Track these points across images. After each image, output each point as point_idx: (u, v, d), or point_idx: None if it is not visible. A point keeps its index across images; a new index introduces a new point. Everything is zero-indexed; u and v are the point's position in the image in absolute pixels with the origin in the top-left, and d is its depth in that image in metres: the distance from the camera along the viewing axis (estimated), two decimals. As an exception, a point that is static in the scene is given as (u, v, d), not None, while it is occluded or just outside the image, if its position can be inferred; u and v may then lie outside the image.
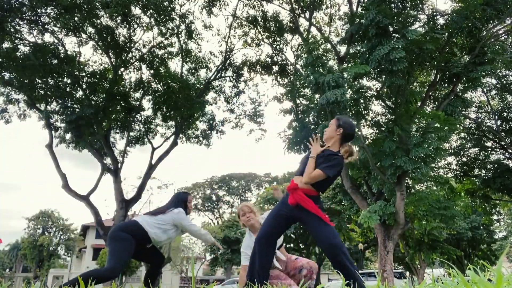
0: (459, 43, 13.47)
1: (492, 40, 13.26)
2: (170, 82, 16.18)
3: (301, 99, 16.07)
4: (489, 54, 12.52)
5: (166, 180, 52.38)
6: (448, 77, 13.04)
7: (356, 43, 13.01)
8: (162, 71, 16.46)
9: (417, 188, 14.79)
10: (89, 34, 15.35)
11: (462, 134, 17.95)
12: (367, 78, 13.26)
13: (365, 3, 12.24)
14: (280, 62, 17.39)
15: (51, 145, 15.57)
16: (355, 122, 12.81)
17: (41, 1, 13.18)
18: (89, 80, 15.66)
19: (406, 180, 13.02)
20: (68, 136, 16.04)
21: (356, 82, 12.82)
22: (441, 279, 1.36)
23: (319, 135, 3.08)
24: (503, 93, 17.59)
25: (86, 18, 14.07)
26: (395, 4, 12.40)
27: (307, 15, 15.57)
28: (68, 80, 15.38)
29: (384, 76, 11.89)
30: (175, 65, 23.16)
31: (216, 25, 79.81)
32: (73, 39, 15.63)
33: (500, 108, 17.71)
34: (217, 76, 18.27)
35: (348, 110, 11.32)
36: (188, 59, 17.42)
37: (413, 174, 11.84)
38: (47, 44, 14.55)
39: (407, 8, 12.54)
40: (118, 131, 17.45)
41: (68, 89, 15.35)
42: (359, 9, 13.59)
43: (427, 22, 12.87)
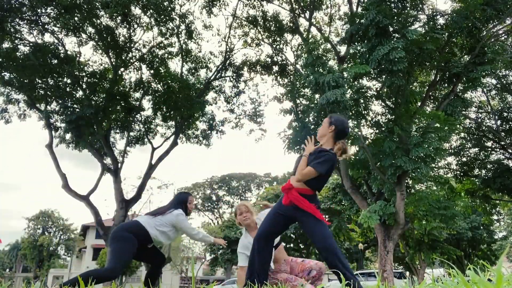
0: (459, 43, 13.47)
1: (492, 40, 13.26)
2: (170, 82, 16.19)
3: (301, 99, 16.06)
4: (489, 54, 12.52)
5: (166, 180, 52.37)
6: (448, 77, 13.05)
7: (356, 43, 13.00)
8: (162, 71, 16.46)
9: (417, 188, 14.78)
10: (89, 34, 15.36)
11: (462, 134, 17.95)
12: (367, 78, 13.25)
13: (365, 3, 12.24)
14: (280, 62, 17.39)
15: (51, 145, 15.58)
16: (355, 122, 12.82)
17: (41, 1, 13.18)
18: (89, 80, 15.66)
19: (406, 180, 13.02)
20: (68, 136, 16.05)
21: (356, 82, 12.82)
22: (441, 279, 1.36)
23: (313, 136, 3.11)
24: (503, 93, 17.59)
25: (86, 18, 14.08)
26: (395, 4, 12.40)
27: (307, 15, 15.57)
28: (68, 80, 15.39)
29: (384, 76, 11.89)
30: (175, 65, 23.14)
31: (216, 25, 79.82)
32: (73, 39, 15.66)
33: (500, 108, 17.71)
34: (217, 76, 18.26)
35: (348, 110, 11.31)
36: (188, 59, 17.42)
37: (413, 174, 11.84)
38: (47, 44, 14.55)
39: (407, 8, 12.54)
40: (118, 131, 17.45)
41: (68, 89, 15.36)
42: (359, 9, 13.59)
43: (427, 22, 12.87)
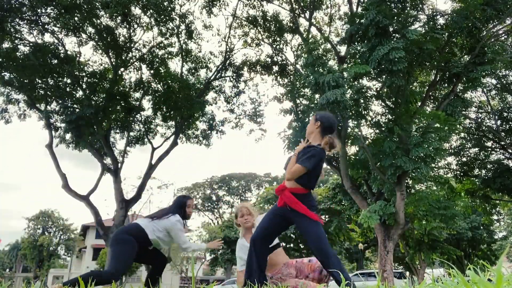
0: (459, 43, 13.47)
1: (492, 40, 13.26)
2: (170, 82, 16.19)
3: (301, 99, 16.06)
4: (489, 54, 12.52)
5: (166, 180, 52.42)
6: (448, 77, 13.05)
7: (356, 43, 13.00)
8: (162, 71, 16.46)
9: (417, 188, 14.79)
10: (89, 34, 15.35)
11: (462, 134, 17.95)
12: (367, 78, 13.25)
13: (365, 3, 12.24)
14: (280, 62, 17.38)
15: (51, 145, 15.57)
16: (355, 122, 12.82)
17: (41, 1, 13.18)
18: (89, 80, 15.66)
19: (406, 180, 13.02)
20: (68, 136, 16.03)
21: (356, 82, 12.82)
22: (441, 279, 1.36)
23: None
24: (503, 93, 17.59)
25: (86, 18, 14.08)
26: (395, 4, 12.40)
27: (307, 15, 15.57)
28: (68, 80, 15.38)
29: (384, 76, 11.89)
30: (175, 65, 23.09)
31: (216, 25, 79.74)
32: (73, 39, 15.65)
33: (500, 108, 17.72)
34: (217, 76, 18.26)
35: (348, 110, 11.31)
36: (188, 59, 17.42)
37: (413, 174, 11.84)
38: (47, 44, 14.54)
39: (407, 8, 12.54)
40: (118, 131, 17.44)
41: (68, 89, 15.35)
42: (359, 9, 13.59)
43: (427, 22, 12.87)
